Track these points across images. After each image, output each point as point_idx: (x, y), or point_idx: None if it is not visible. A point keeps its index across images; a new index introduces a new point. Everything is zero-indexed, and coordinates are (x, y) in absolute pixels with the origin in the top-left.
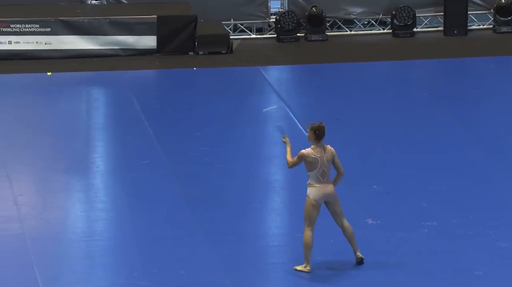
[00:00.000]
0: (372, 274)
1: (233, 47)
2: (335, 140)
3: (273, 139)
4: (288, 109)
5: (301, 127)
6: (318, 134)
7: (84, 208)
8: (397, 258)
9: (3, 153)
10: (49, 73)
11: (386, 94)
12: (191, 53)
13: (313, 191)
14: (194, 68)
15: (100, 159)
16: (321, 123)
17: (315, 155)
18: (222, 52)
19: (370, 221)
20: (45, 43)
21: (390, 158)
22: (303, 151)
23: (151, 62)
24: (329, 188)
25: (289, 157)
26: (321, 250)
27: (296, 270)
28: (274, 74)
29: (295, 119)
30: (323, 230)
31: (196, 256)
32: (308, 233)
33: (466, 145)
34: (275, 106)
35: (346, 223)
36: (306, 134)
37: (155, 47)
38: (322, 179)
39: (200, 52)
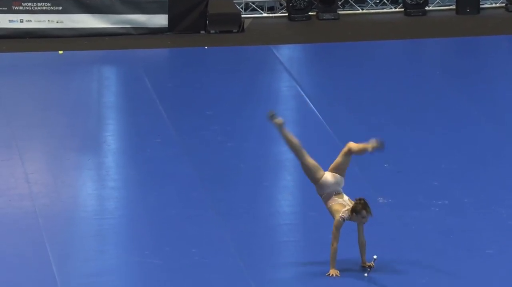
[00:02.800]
0: (383, 252)
1: (245, 26)
2: (347, 119)
3: (285, 119)
4: (299, 88)
5: (312, 106)
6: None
7: (96, 186)
8: (409, 237)
9: (15, 131)
10: (60, 52)
11: (398, 73)
12: (202, 31)
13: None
14: (206, 47)
15: (111, 138)
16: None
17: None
18: (234, 31)
19: (381, 200)
20: (57, 22)
21: (402, 137)
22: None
23: (162, 41)
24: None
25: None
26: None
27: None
28: (286, 53)
29: (306, 98)
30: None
31: (208, 234)
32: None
33: (478, 123)
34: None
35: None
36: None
37: (167, 26)
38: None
39: (211, 31)
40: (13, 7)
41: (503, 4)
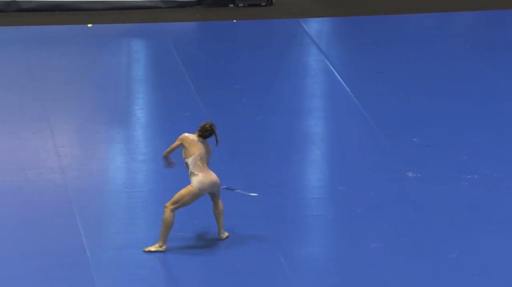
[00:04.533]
0: (411, 226)
1: None
2: (376, 93)
3: (314, 92)
4: (328, 62)
5: (340, 79)
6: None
7: (125, 159)
8: (437, 211)
9: (45, 105)
10: (89, 25)
11: (427, 46)
12: (231, 5)
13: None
14: (234, 21)
15: (140, 111)
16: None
17: (193, 139)
18: (262, 4)
19: (410, 174)
20: None
21: (431, 111)
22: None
23: (191, 14)
24: (214, 176)
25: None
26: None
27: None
28: (314, 26)
29: (335, 71)
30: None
31: (236, 208)
32: (172, 214)
33: (508, 97)
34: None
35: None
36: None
37: None
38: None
39: (240, 5)
40: None
41: None
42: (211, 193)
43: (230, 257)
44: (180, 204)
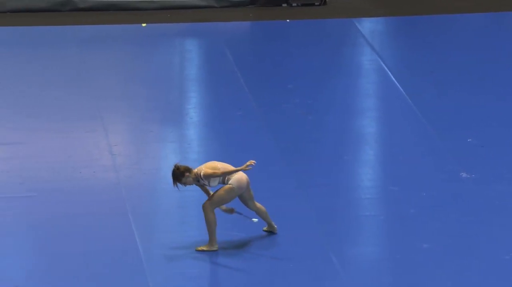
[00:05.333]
0: (464, 227)
1: None
2: (429, 92)
3: (367, 92)
4: (381, 62)
5: (394, 79)
6: (184, 170)
7: (178, 158)
8: (491, 211)
9: (99, 104)
10: (143, 24)
11: (480, 45)
12: (284, 4)
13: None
14: (287, 20)
15: (193, 110)
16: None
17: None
18: (316, 4)
19: (464, 175)
20: None
21: (485, 111)
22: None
23: (244, 13)
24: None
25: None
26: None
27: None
28: (368, 26)
29: (388, 71)
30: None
31: (288, 207)
32: (213, 213)
33: None
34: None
35: (258, 204)
36: (185, 185)
37: None
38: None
39: (293, 4)
40: None
41: None
42: (246, 191)
43: (282, 256)
44: (219, 205)
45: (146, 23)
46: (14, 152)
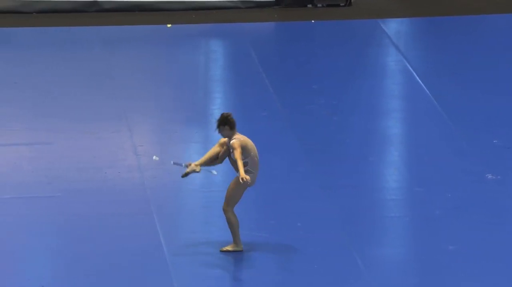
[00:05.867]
0: (490, 228)
1: (352, 0)
2: (455, 94)
3: (392, 93)
4: (406, 63)
5: (419, 80)
6: (232, 124)
7: None
8: None
9: (125, 104)
10: (169, 25)
11: (506, 46)
12: (309, 5)
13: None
14: (312, 21)
15: (218, 111)
16: (223, 114)
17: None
18: (341, 4)
19: (489, 176)
20: None
21: (511, 112)
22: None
23: (269, 14)
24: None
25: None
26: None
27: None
28: (393, 27)
29: (413, 72)
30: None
31: (313, 208)
32: (233, 213)
33: None
34: (182, 164)
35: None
36: (219, 132)
37: (274, 0)
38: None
39: (318, 5)
40: None
41: None
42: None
43: (307, 257)
44: (235, 202)
45: (171, 24)
46: (40, 152)
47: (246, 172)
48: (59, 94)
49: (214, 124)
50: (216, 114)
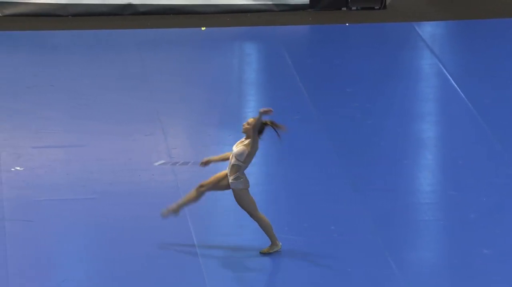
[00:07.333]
0: None
1: (387, 3)
2: (490, 97)
3: (426, 96)
4: (441, 66)
5: (454, 84)
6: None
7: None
8: None
9: (158, 107)
10: (203, 28)
11: None
12: (344, 8)
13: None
14: (347, 24)
15: (251, 114)
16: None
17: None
18: (375, 7)
19: None
20: None
21: None
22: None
23: (303, 17)
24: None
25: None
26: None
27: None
28: (428, 30)
29: (448, 76)
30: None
31: (347, 211)
32: (262, 216)
33: None
34: (163, 161)
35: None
36: (247, 126)
37: (308, 2)
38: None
39: (353, 8)
40: None
41: None
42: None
43: (340, 260)
44: (255, 207)
45: (205, 27)
46: (75, 154)
47: (236, 177)
48: (94, 97)
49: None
50: (250, 117)
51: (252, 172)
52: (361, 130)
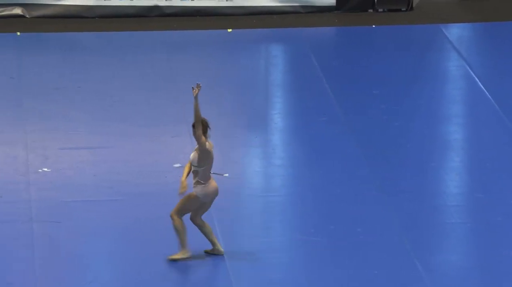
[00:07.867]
0: None
1: (414, 4)
2: None
3: (453, 98)
4: (468, 68)
5: (481, 86)
6: (205, 127)
7: (262, 163)
8: None
9: (185, 108)
10: (229, 30)
11: None
12: (370, 10)
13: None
14: (373, 26)
15: (278, 115)
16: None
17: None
18: (402, 9)
19: None
20: (226, 0)
21: None
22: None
23: (330, 19)
24: (216, 184)
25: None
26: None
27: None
28: (455, 32)
29: (475, 78)
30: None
31: (373, 213)
32: (180, 220)
33: None
34: (226, 174)
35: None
36: (194, 130)
37: (335, 4)
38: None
39: (379, 10)
40: None
41: None
42: (208, 203)
43: (367, 263)
44: (184, 213)
45: (232, 28)
46: (102, 156)
47: (196, 183)
48: (121, 99)
49: (275, 129)
50: (276, 119)
51: (278, 174)
52: (388, 132)
